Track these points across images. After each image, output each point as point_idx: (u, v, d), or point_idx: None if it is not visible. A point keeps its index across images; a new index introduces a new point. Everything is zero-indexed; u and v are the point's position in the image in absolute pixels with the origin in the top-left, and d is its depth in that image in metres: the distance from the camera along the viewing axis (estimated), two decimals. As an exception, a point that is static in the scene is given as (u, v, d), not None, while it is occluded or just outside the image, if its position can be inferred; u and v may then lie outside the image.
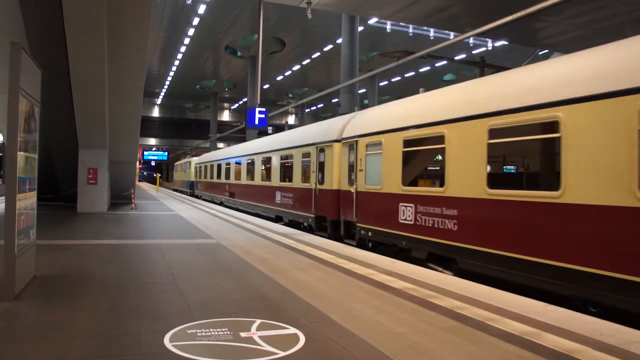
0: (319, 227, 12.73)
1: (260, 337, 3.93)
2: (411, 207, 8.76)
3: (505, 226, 6.83)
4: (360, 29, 25.26)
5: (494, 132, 7.02)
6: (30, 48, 12.23)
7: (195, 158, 39.07)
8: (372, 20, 29.12)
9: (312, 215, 13.00)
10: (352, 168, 11.19)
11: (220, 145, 51.76)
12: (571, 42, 17.44)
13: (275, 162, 16.65)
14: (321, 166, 12.69)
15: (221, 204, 25.35)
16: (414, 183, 9.21)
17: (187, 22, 32.05)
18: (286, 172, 15.62)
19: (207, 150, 46.26)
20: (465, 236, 7.49)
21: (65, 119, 14.53)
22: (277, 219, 16.04)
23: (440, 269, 8.03)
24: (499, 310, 4.87)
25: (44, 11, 12.00)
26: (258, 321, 4.34)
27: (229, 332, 4.01)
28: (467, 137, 7.56)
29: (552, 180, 6.17)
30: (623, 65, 5.42)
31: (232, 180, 23.32)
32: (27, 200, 5.40)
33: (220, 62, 43.58)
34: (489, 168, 7.19)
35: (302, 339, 3.90)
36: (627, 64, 5.37)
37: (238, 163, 22.45)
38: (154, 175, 64.38)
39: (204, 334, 3.97)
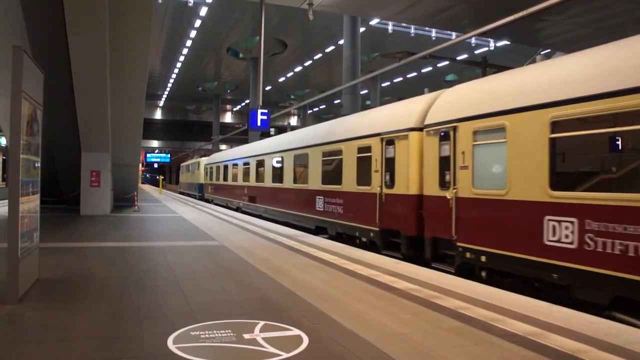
0: (386, 243, 9.93)
1: (263, 338, 3.93)
2: (571, 222, 5.96)
3: None
4: (361, 29, 25.25)
5: None
6: (32, 51, 12.27)
7: (204, 158, 36.00)
8: (374, 21, 29.12)
9: (376, 229, 10.09)
10: (445, 165, 8.33)
11: (223, 147, 51.79)
12: (573, 42, 17.42)
13: (315, 159, 13.59)
14: (389, 163, 9.87)
15: (238, 209, 22.02)
16: (572, 186, 6.27)
17: (189, 24, 32.10)
18: (331, 172, 12.71)
19: (210, 152, 45.58)
20: None
21: (67, 122, 14.57)
22: (318, 231, 13.11)
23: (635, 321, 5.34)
24: (502, 311, 4.86)
25: (46, 14, 12.05)
26: (261, 323, 4.33)
27: (232, 334, 4.01)
28: None
29: None
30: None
31: (253, 182, 20.13)
32: (30, 203, 5.41)
33: (222, 64, 43.63)
34: None
35: (306, 341, 3.90)
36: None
37: (260, 162, 19.20)
38: (157, 177, 64.52)
39: (207, 335, 3.96)
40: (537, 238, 6.37)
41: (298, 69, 43.41)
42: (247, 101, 49.84)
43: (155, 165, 76.02)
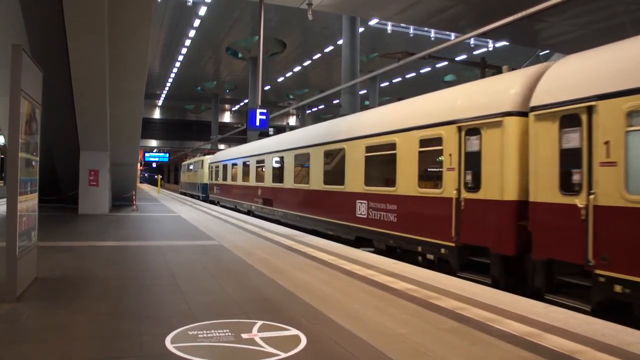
0: (464, 262, 7.87)
1: (261, 338, 3.93)
2: None
3: None
4: (360, 30, 25.26)
5: None
6: (31, 50, 12.25)
7: (208, 156, 33.13)
8: (373, 22, 29.09)
9: (450, 244, 8.00)
10: (571, 160, 6.22)
11: (222, 146, 51.76)
12: (572, 43, 17.45)
13: (354, 156, 11.25)
14: (471, 159, 7.78)
15: (249, 213, 19.65)
16: None
17: (188, 23, 32.07)
18: (379, 170, 10.72)
19: (214, 150, 44.73)
20: None
21: (66, 121, 14.55)
22: (359, 242, 10.90)
23: None
24: (500, 311, 4.87)
25: (45, 13, 12.02)
26: (259, 322, 4.34)
27: (230, 334, 4.01)
28: None
29: None
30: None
31: (268, 182, 17.60)
32: (29, 202, 5.41)
33: (221, 63, 43.58)
34: None
35: (304, 340, 3.90)
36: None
37: (278, 160, 16.82)
38: (155, 176, 64.48)
39: (205, 335, 3.97)
40: None
41: (297, 68, 43.38)
42: (246, 101, 49.82)
43: (154, 165, 75.97)
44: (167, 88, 54.63)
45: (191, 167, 40.24)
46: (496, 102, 7.47)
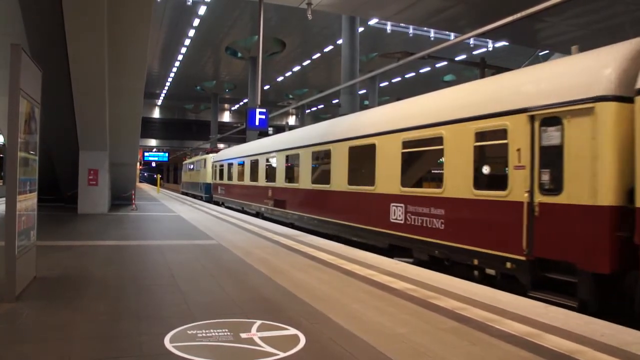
0: (539, 280, 6.49)
1: (260, 338, 3.93)
2: None
3: None
4: (360, 29, 25.28)
5: None
6: (30, 49, 12.24)
7: (212, 155, 31.62)
8: (373, 21, 29.11)
9: (520, 258, 6.65)
10: None
11: (221, 146, 51.74)
12: (572, 43, 17.39)
13: (387, 153, 9.88)
14: (550, 155, 6.46)
15: (258, 215, 18.29)
16: None
17: (188, 23, 32.07)
18: (420, 169, 9.82)
19: (214, 150, 44.02)
20: None
21: (65, 120, 14.54)
22: (393, 251, 9.59)
23: None
24: (499, 311, 4.87)
25: (45, 13, 12.01)
26: (258, 322, 4.33)
27: (229, 333, 4.01)
28: None
29: None
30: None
31: (280, 182, 16.09)
32: (28, 202, 5.40)
33: (221, 63, 43.59)
34: None
35: (303, 340, 3.90)
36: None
37: (292, 158, 15.40)
38: (155, 176, 64.45)
39: (204, 334, 3.96)
40: None
41: (297, 68, 43.40)
42: (246, 100, 49.84)
43: (153, 164, 75.95)
44: (166, 87, 54.65)
45: (193, 166, 38.64)
46: (584, 85, 6.13)
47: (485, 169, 7.75)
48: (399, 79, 45.88)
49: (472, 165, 7.65)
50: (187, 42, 36.06)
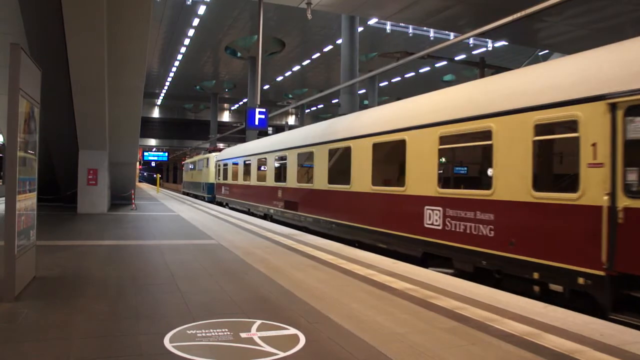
0: (623, 301, 5.56)
1: (260, 337, 3.93)
2: None
3: None
4: (360, 29, 25.26)
5: None
6: (30, 49, 12.24)
7: (214, 153, 30.59)
8: (372, 21, 29.09)
9: (599, 273, 5.64)
10: None
11: (221, 145, 51.73)
12: (571, 43, 17.46)
13: (421, 149, 8.84)
14: (638, 151, 5.59)
15: (266, 217, 17.38)
16: None
17: (187, 22, 32.06)
18: (461, 167, 9.00)
19: (217, 148, 43.04)
20: None
21: (65, 120, 14.54)
22: (427, 260, 8.61)
23: None
24: (499, 311, 4.87)
25: (44, 12, 12.01)
26: (258, 322, 4.33)
27: (229, 333, 4.01)
28: None
29: None
30: None
31: (292, 182, 15.06)
32: (27, 201, 5.40)
33: (220, 62, 43.56)
34: None
35: (302, 340, 3.90)
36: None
37: (306, 156, 14.27)
38: (154, 175, 64.45)
39: (204, 334, 3.96)
40: None
41: (296, 68, 43.37)
42: (245, 100, 49.85)
43: (153, 164, 75.97)
44: (166, 87, 54.61)
45: (195, 165, 37.36)
46: None
47: (549, 168, 6.82)
48: (398, 78, 45.86)
49: (530, 163, 6.56)
50: (187, 41, 36.03)
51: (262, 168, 18.30)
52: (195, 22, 31.61)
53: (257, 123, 12.80)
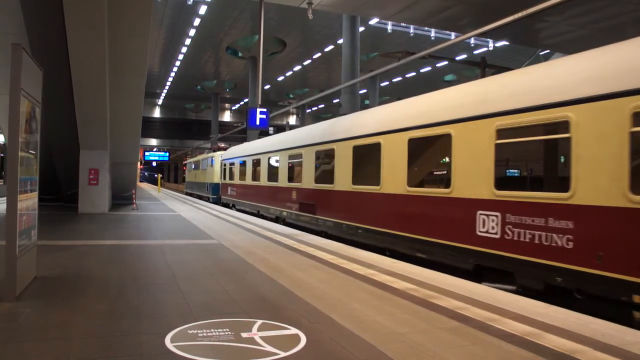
0: None
1: (261, 337, 3.93)
2: None
3: None
4: (361, 29, 25.22)
5: None
6: (31, 48, 12.25)
7: (219, 152, 29.18)
8: (373, 21, 29.08)
9: None
10: None
11: (222, 145, 51.72)
12: (572, 42, 17.46)
13: (472, 144, 7.57)
14: None
15: (278, 220, 16.05)
16: None
17: (188, 22, 32.08)
18: (525, 165, 8.17)
19: (221, 147, 38.78)
20: None
21: (66, 120, 14.56)
22: (480, 274, 7.35)
23: None
24: (500, 311, 4.87)
25: (45, 11, 12.02)
26: (259, 321, 4.34)
27: (230, 333, 4.01)
28: None
29: None
30: None
31: (309, 183, 13.68)
32: (29, 201, 5.40)
33: (221, 62, 43.59)
34: None
35: (303, 340, 3.90)
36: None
37: (326, 154, 12.85)
38: (155, 175, 64.48)
39: (205, 334, 3.97)
40: None
41: (297, 68, 43.38)
42: (246, 100, 49.83)
43: (154, 164, 76.02)
44: (167, 87, 54.66)
45: (199, 164, 35.76)
46: None
47: None
48: (399, 78, 45.86)
49: (627, 160, 5.34)
50: (188, 41, 36.06)
51: (274, 167, 16.96)
52: (196, 21, 31.63)
53: (258, 123, 12.82)
